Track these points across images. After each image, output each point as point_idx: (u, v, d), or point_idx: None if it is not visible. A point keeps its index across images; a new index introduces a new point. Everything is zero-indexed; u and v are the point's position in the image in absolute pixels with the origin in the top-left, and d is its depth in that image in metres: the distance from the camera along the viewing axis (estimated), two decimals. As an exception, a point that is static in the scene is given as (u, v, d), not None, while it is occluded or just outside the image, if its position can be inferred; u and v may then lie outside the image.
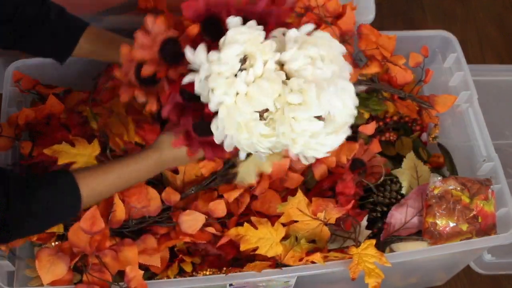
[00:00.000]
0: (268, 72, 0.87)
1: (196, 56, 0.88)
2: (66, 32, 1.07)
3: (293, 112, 0.88)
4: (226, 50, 0.86)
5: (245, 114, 0.88)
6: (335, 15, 1.31)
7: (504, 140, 1.64)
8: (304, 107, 0.87)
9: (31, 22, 1.03)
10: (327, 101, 0.88)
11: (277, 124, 0.89)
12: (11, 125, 1.24)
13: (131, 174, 1.00)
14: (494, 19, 1.98)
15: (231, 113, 0.88)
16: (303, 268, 1.14)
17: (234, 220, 1.17)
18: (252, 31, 0.87)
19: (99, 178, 0.97)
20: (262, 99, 0.87)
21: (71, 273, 1.10)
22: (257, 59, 0.86)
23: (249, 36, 0.86)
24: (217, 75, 0.87)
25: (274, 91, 0.87)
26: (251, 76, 0.86)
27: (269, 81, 0.86)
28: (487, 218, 1.22)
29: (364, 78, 1.35)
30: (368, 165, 1.32)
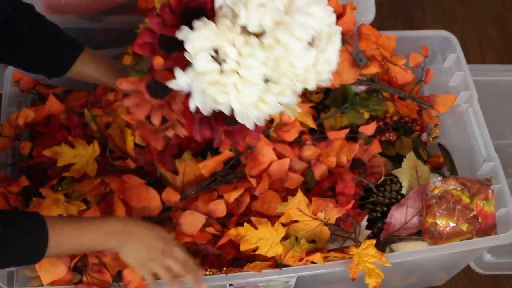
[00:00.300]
0: (243, 49, 0.87)
1: (180, 81, 0.89)
2: (62, 53, 1.06)
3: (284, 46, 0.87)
4: (197, 60, 0.86)
5: (251, 95, 0.88)
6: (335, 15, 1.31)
7: (504, 140, 1.64)
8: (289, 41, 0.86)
9: (27, 39, 1.01)
10: (301, 24, 0.87)
11: (280, 75, 0.89)
12: (11, 125, 1.24)
13: (98, 238, 0.98)
14: (494, 19, 1.98)
15: (241, 102, 0.89)
16: (303, 268, 1.14)
17: (234, 220, 1.17)
18: (201, 30, 0.86)
19: (71, 233, 0.95)
20: (257, 74, 0.87)
21: (71, 273, 1.10)
22: (225, 46, 0.86)
23: (202, 34, 0.86)
24: (208, 85, 0.87)
25: (255, 57, 0.86)
26: (232, 63, 0.86)
27: (251, 56, 0.86)
28: (487, 218, 1.22)
29: (364, 78, 1.35)
30: (368, 165, 1.32)
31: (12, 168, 1.25)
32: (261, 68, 0.87)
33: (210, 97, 0.89)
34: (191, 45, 0.86)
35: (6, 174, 1.22)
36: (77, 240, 0.96)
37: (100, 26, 1.41)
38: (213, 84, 0.87)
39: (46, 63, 1.06)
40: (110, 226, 0.99)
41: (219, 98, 0.88)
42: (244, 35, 0.87)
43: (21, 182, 1.18)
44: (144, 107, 0.96)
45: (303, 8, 0.88)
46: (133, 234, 1.00)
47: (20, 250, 0.91)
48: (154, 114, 0.96)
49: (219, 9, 0.89)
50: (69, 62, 1.06)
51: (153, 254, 1.01)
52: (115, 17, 1.38)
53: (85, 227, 0.97)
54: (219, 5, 0.89)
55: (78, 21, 1.37)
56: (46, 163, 1.18)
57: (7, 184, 1.17)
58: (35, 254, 0.92)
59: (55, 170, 1.19)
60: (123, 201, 1.13)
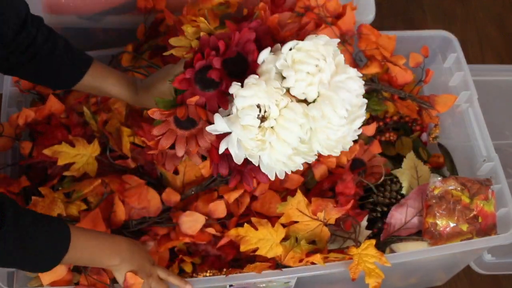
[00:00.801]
0: (286, 112, 0.92)
1: (217, 127, 0.93)
2: (73, 66, 1.06)
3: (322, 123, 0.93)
4: (244, 116, 0.90)
5: (283, 153, 0.93)
6: (335, 15, 1.31)
7: (504, 140, 1.64)
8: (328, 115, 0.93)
9: (40, 51, 1.01)
10: (342, 100, 0.93)
11: (313, 141, 0.95)
12: (11, 125, 1.24)
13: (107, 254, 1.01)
14: (494, 19, 1.98)
15: (272, 157, 0.93)
16: (303, 269, 1.14)
17: (234, 220, 1.17)
18: (252, 88, 0.90)
19: (86, 244, 0.97)
20: (294, 136, 0.92)
21: (70, 274, 1.10)
22: (270, 106, 0.90)
23: (253, 93, 0.90)
24: (247, 139, 0.91)
25: (296, 122, 0.92)
26: (273, 121, 0.91)
27: (289, 120, 0.91)
28: (487, 218, 1.22)
29: (364, 78, 1.35)
30: (368, 165, 1.32)
31: (12, 168, 1.25)
32: (299, 132, 0.92)
33: (245, 148, 0.93)
34: (242, 102, 0.90)
35: (6, 174, 1.22)
36: (89, 253, 0.98)
37: (100, 26, 1.41)
38: (252, 139, 0.91)
39: (57, 75, 1.06)
40: (118, 244, 1.02)
41: (255, 151, 0.93)
42: (286, 96, 0.92)
43: (21, 182, 1.18)
44: (170, 137, 0.98)
45: (343, 83, 0.93)
46: (133, 254, 1.04)
47: (39, 252, 0.91)
48: (179, 145, 0.98)
49: (263, 63, 0.93)
50: (80, 75, 1.06)
51: (144, 276, 1.05)
52: (115, 17, 1.38)
53: (100, 242, 1.00)
54: (263, 59, 0.93)
55: (78, 21, 1.37)
56: (46, 163, 1.18)
57: (7, 184, 1.17)
58: (50, 259, 0.93)
59: (55, 170, 1.19)
60: (123, 201, 1.13)
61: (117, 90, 1.09)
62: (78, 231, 0.96)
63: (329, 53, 0.94)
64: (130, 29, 1.36)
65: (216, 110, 0.94)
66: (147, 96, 1.09)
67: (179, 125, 0.97)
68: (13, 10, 0.96)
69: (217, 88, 0.94)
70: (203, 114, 0.94)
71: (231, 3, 1.28)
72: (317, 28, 1.28)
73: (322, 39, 0.95)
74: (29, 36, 0.99)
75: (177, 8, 1.32)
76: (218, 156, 0.96)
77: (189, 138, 0.98)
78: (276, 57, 0.93)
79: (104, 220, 1.11)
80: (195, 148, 0.97)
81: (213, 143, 0.97)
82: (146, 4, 1.34)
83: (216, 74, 0.92)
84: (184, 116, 0.94)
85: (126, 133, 1.19)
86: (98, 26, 1.40)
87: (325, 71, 0.92)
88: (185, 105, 0.95)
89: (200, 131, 0.97)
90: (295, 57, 0.92)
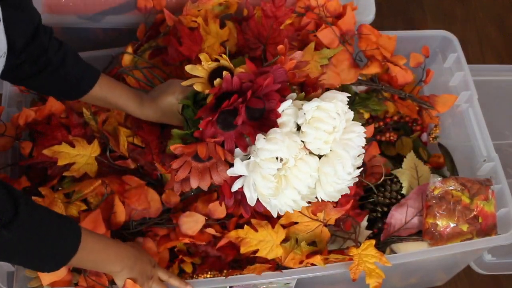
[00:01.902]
0: (301, 164, 0.99)
1: (236, 170, 0.99)
2: (81, 79, 1.07)
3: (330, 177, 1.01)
4: (266, 166, 0.96)
5: (292, 198, 1.01)
6: (336, 15, 1.31)
7: (504, 140, 1.64)
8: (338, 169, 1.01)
9: (51, 62, 1.01)
10: (351, 157, 1.01)
11: (318, 189, 1.03)
12: (12, 125, 1.24)
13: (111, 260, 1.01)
14: (494, 19, 1.98)
15: (280, 199, 1.01)
16: (304, 271, 1.14)
17: (234, 221, 1.17)
18: (277, 143, 0.96)
19: (94, 246, 0.96)
20: (304, 185, 1.00)
21: (70, 274, 1.10)
22: (289, 159, 0.97)
23: (277, 147, 0.96)
24: (263, 186, 0.98)
25: (308, 174, 0.99)
26: (287, 170, 0.98)
27: (302, 172, 0.99)
28: (487, 219, 1.22)
29: (364, 78, 1.35)
30: (368, 165, 1.32)
31: (12, 168, 1.25)
32: (310, 182, 1.00)
33: (261, 194, 0.99)
34: (266, 155, 0.96)
35: (6, 174, 1.22)
36: (95, 256, 0.98)
37: (100, 26, 1.40)
38: (270, 185, 0.98)
39: (67, 87, 1.07)
40: (123, 250, 1.02)
41: (267, 194, 0.99)
42: (302, 149, 0.99)
43: (21, 182, 1.18)
44: (186, 169, 1.02)
45: (352, 141, 1.01)
46: (135, 261, 1.03)
47: (49, 249, 0.90)
48: (194, 177, 1.02)
49: (282, 113, 1.00)
50: (89, 86, 1.07)
51: (144, 280, 1.05)
52: (115, 17, 1.38)
53: (106, 246, 0.99)
54: (283, 109, 1.00)
55: (78, 21, 1.37)
56: (46, 163, 1.18)
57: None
58: (59, 258, 0.92)
59: (55, 170, 1.19)
60: (123, 202, 1.13)
61: (123, 101, 1.11)
62: (87, 232, 0.95)
63: (343, 112, 1.00)
64: (130, 29, 1.36)
65: (233, 150, 1.00)
66: (152, 109, 1.11)
67: (195, 158, 1.01)
68: (26, 18, 0.96)
69: (236, 129, 0.99)
70: (222, 154, 0.99)
71: (231, 3, 1.28)
72: (317, 28, 1.28)
73: (339, 97, 1.01)
74: (41, 46, 0.99)
75: (177, 9, 1.32)
76: (230, 192, 1.02)
77: (203, 171, 1.02)
78: (295, 110, 1.00)
79: (104, 221, 1.11)
80: (208, 182, 1.02)
81: (227, 180, 1.02)
82: (146, 4, 1.34)
83: (241, 120, 0.97)
84: (206, 156, 0.99)
85: (124, 133, 1.19)
86: (98, 26, 1.40)
87: (339, 130, 0.99)
88: (205, 142, 0.99)
89: (214, 165, 1.02)
90: (315, 115, 0.98)
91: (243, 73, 1.01)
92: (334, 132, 0.99)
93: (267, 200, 1.00)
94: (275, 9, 1.18)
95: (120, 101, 1.11)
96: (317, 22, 1.29)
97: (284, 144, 0.96)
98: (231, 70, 1.03)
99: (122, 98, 1.11)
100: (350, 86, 1.35)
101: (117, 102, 1.11)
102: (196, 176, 1.02)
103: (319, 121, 0.98)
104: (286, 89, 1.03)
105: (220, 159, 1.00)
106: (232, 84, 0.99)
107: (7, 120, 1.27)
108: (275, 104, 0.99)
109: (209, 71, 1.04)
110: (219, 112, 0.97)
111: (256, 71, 1.01)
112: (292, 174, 0.98)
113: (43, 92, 1.10)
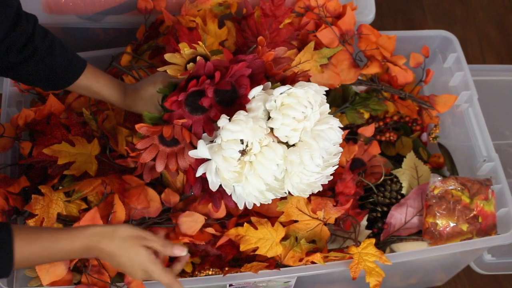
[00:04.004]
0: (267, 151, 0.96)
1: (200, 152, 0.96)
2: (69, 67, 1.06)
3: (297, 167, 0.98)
4: (227, 148, 0.94)
5: (257, 188, 0.98)
6: (335, 15, 1.31)
7: (504, 140, 1.64)
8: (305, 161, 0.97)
9: (34, 51, 1.01)
10: (321, 148, 0.97)
11: (286, 181, 1.00)
12: (12, 126, 1.24)
13: (68, 252, 0.93)
14: (494, 19, 1.98)
15: (245, 189, 0.98)
16: (303, 269, 1.14)
17: (234, 220, 1.17)
18: (240, 124, 0.94)
19: (37, 244, 0.90)
20: (269, 174, 0.97)
21: (70, 274, 1.10)
22: (253, 142, 0.95)
23: (241, 129, 0.94)
24: (226, 170, 0.95)
25: (274, 161, 0.96)
26: (252, 157, 0.96)
27: (268, 159, 0.96)
28: (487, 218, 1.22)
29: (364, 78, 1.35)
30: (368, 165, 1.32)
31: (12, 168, 1.25)
32: (275, 171, 0.97)
33: (223, 178, 0.96)
34: (227, 135, 0.93)
35: (6, 174, 1.22)
36: (47, 252, 0.92)
37: (100, 26, 1.41)
38: (230, 171, 0.95)
39: (55, 76, 1.06)
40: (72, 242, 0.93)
41: (230, 181, 0.96)
42: (269, 135, 0.97)
43: (21, 182, 1.18)
44: (152, 152, 1.01)
45: (324, 133, 0.98)
46: (89, 249, 0.96)
47: None
48: (159, 161, 1.01)
49: (253, 99, 0.97)
50: (76, 75, 1.07)
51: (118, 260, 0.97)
52: (115, 17, 1.38)
53: (47, 250, 0.92)
54: (253, 95, 0.97)
55: (78, 21, 1.37)
56: (46, 162, 1.18)
57: (7, 184, 1.17)
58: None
59: (55, 169, 1.19)
60: (123, 201, 1.13)
61: (107, 91, 1.10)
62: (27, 232, 0.90)
63: (317, 102, 0.98)
64: (130, 29, 1.36)
65: (201, 134, 0.98)
66: (134, 99, 1.10)
67: (162, 141, 1.01)
68: (3, 4, 0.96)
69: (204, 113, 0.97)
70: (188, 137, 0.98)
71: (231, 3, 1.28)
72: (317, 28, 1.28)
73: (312, 87, 0.98)
74: (24, 32, 0.99)
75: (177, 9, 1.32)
76: (195, 178, 1.00)
77: (170, 155, 1.01)
78: (266, 96, 0.97)
79: (104, 220, 1.11)
80: (174, 166, 1.01)
81: (192, 165, 1.00)
82: (146, 5, 1.34)
83: (208, 102, 0.96)
84: (170, 136, 0.98)
85: (123, 133, 1.19)
86: (98, 26, 1.40)
87: (310, 119, 0.97)
88: (172, 124, 0.98)
89: (181, 150, 1.00)
90: (285, 101, 0.96)
91: (218, 59, 1.00)
92: (304, 120, 0.96)
93: (230, 186, 0.97)
94: (274, 8, 1.18)
95: (104, 91, 1.10)
96: (317, 22, 1.29)
97: (248, 126, 0.93)
98: (208, 58, 1.03)
99: (106, 87, 1.10)
100: (350, 86, 1.35)
101: (101, 92, 1.10)
102: (162, 160, 1.01)
103: (289, 108, 0.95)
104: (262, 79, 1.02)
105: (186, 142, 0.98)
106: (204, 69, 0.97)
107: (7, 120, 1.27)
108: (245, 90, 0.98)
109: (186, 59, 1.04)
110: (188, 93, 0.96)
111: (232, 59, 1.00)
112: (257, 161, 0.96)
113: (30, 82, 1.09)
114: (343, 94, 1.36)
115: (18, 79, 1.11)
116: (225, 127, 0.94)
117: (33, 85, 1.16)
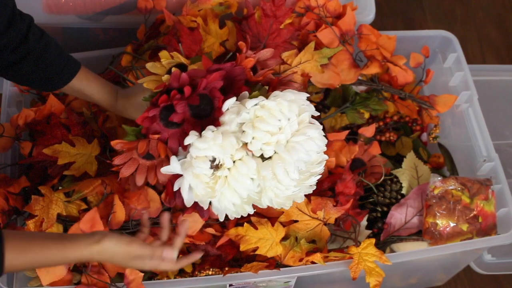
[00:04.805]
0: (240, 165, 0.94)
1: (172, 168, 0.95)
2: (63, 69, 1.06)
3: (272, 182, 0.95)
4: (197, 164, 0.92)
5: (232, 202, 0.96)
6: (335, 15, 1.31)
7: (504, 140, 1.64)
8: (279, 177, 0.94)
9: (27, 52, 1.00)
10: (295, 161, 0.93)
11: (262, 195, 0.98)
12: (12, 126, 1.24)
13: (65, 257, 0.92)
14: (494, 19, 1.98)
15: (221, 203, 0.96)
16: (303, 269, 1.14)
17: (234, 221, 1.17)
18: (208, 141, 0.91)
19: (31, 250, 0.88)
20: (244, 188, 0.95)
21: (70, 274, 1.10)
22: (224, 159, 0.93)
23: (209, 146, 0.91)
24: (199, 185, 0.93)
25: (248, 176, 0.94)
26: (225, 171, 0.94)
27: (241, 174, 0.93)
28: (487, 218, 1.22)
29: (364, 78, 1.35)
30: (368, 165, 1.32)
31: (12, 168, 1.25)
32: (250, 185, 0.95)
33: (196, 194, 0.95)
34: (196, 152, 0.91)
35: (6, 174, 1.22)
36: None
37: (100, 26, 1.41)
38: (203, 186, 0.93)
39: (48, 77, 1.06)
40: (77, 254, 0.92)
41: (204, 198, 0.95)
42: (243, 149, 0.94)
43: (21, 182, 1.18)
44: (132, 166, 1.00)
45: (300, 145, 0.94)
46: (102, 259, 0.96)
47: None
48: (139, 175, 1.00)
49: (227, 111, 0.94)
50: (70, 77, 1.07)
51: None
52: (115, 17, 1.38)
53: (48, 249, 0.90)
54: (227, 107, 0.94)
55: (78, 21, 1.37)
56: (46, 162, 1.18)
57: (7, 184, 1.17)
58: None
59: (55, 169, 1.19)
60: (123, 202, 1.13)
61: (98, 95, 1.10)
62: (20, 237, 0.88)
63: (293, 113, 0.94)
64: (130, 29, 1.36)
65: (177, 149, 0.96)
66: (124, 105, 1.10)
67: (142, 155, 1.00)
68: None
69: (180, 127, 0.95)
70: (163, 151, 0.96)
71: (231, 3, 1.28)
72: (317, 28, 1.28)
73: (289, 96, 0.95)
74: (19, 32, 0.99)
75: (178, 9, 1.32)
76: (173, 192, 0.98)
77: (150, 169, 1.00)
78: (240, 107, 0.94)
79: (103, 220, 1.11)
80: (153, 180, 1.00)
81: (170, 178, 0.99)
82: (146, 5, 1.34)
83: (178, 118, 0.94)
84: (144, 152, 0.97)
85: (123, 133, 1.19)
86: (98, 26, 1.40)
87: (285, 131, 0.93)
88: (148, 139, 0.97)
89: (161, 163, 0.99)
90: (258, 113, 0.93)
91: (194, 69, 0.98)
92: (278, 133, 0.92)
93: (206, 201, 0.96)
94: (275, 8, 1.18)
95: (95, 94, 1.10)
96: (317, 22, 1.29)
97: (216, 143, 0.91)
98: (186, 67, 1.00)
99: (97, 91, 1.10)
100: (350, 86, 1.35)
101: (92, 96, 1.10)
102: (142, 173, 0.99)
103: (261, 121, 0.92)
104: (242, 86, 0.98)
105: (162, 157, 0.97)
106: (179, 81, 0.95)
107: (7, 120, 1.27)
108: (218, 102, 0.94)
109: (167, 68, 1.01)
110: (161, 108, 0.95)
111: (210, 68, 0.97)
112: (231, 175, 0.93)
113: (23, 82, 1.09)
114: (343, 94, 1.36)
115: (13, 79, 1.11)
116: (193, 144, 0.92)
117: (27, 85, 1.16)
